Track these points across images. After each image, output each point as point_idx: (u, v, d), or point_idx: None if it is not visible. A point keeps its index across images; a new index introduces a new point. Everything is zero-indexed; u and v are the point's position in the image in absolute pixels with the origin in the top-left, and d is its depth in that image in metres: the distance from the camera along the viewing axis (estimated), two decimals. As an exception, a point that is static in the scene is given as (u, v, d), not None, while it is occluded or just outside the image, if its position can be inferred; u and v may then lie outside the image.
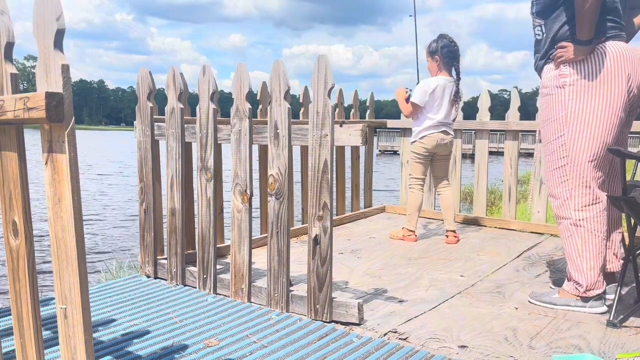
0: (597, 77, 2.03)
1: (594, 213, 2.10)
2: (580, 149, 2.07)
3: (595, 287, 2.11)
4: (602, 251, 2.12)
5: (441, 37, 3.32)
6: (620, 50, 2.02)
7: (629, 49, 2.04)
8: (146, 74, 2.56)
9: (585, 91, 2.05)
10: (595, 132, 2.05)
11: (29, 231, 1.22)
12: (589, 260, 2.11)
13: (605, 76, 2.02)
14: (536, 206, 3.69)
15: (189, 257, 2.68)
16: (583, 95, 2.05)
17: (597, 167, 2.09)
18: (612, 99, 2.03)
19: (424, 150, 3.34)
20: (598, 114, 2.04)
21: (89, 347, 1.11)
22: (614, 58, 2.01)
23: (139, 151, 2.64)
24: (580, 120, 2.06)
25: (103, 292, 2.46)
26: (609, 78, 2.02)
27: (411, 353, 1.76)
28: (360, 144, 1.98)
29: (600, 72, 2.02)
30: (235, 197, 2.29)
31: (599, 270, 2.11)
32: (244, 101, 2.23)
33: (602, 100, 2.03)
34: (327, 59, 1.99)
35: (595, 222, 2.10)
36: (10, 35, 1.20)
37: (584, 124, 2.06)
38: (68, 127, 1.04)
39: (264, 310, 2.20)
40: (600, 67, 2.02)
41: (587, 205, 2.10)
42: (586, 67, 2.04)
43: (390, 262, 2.90)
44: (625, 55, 2.02)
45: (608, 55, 2.01)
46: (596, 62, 2.03)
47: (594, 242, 2.10)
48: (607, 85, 2.02)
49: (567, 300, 2.16)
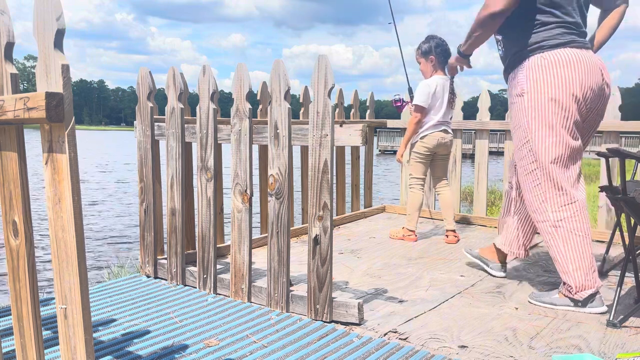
0: (548, 84, 2.13)
1: (571, 213, 2.15)
2: (545, 153, 2.16)
3: (586, 287, 2.13)
4: (588, 250, 2.14)
5: (431, 38, 3.33)
6: (570, 57, 2.11)
7: (580, 56, 2.13)
8: (146, 74, 2.56)
9: (540, 97, 2.15)
10: (555, 134, 2.14)
11: (29, 231, 1.22)
12: (573, 261, 2.14)
13: (556, 82, 2.12)
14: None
15: (189, 257, 2.68)
16: (538, 101, 2.15)
17: (564, 167, 2.16)
18: (564, 103, 2.12)
19: (425, 150, 3.34)
20: (553, 117, 2.13)
21: (89, 347, 1.11)
22: (564, 65, 2.11)
23: (139, 151, 2.64)
24: (540, 125, 2.16)
25: (103, 292, 2.46)
26: (559, 84, 2.12)
27: (411, 353, 1.76)
28: (360, 144, 1.98)
29: (552, 79, 2.12)
30: (235, 197, 2.29)
31: (587, 269, 2.13)
32: (244, 101, 2.23)
33: (555, 105, 2.12)
34: (327, 59, 1.99)
35: (574, 221, 2.14)
36: (10, 35, 1.20)
37: (544, 129, 2.15)
38: (68, 127, 1.04)
39: (264, 310, 2.20)
40: (552, 73, 2.12)
41: (562, 205, 2.15)
42: (540, 75, 2.14)
43: (390, 262, 2.90)
44: (573, 62, 2.11)
45: (559, 63, 2.11)
46: (548, 69, 2.13)
47: (575, 242, 2.14)
48: (558, 90, 2.12)
49: (565, 301, 2.18)
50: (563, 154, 2.15)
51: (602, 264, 2.77)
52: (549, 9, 2.15)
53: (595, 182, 10.82)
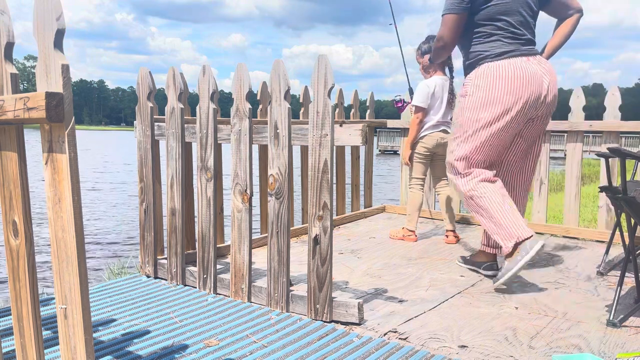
0: (486, 90, 2.38)
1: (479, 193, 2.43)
2: (471, 150, 2.45)
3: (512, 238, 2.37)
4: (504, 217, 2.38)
5: (431, 38, 3.32)
6: (509, 68, 2.35)
7: (519, 66, 2.35)
8: (146, 74, 2.56)
9: (475, 101, 2.41)
10: (480, 136, 2.42)
11: (29, 231, 1.22)
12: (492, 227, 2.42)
13: (493, 90, 2.37)
14: (536, 206, 3.70)
15: (189, 257, 2.68)
16: (474, 104, 2.42)
17: (487, 167, 2.48)
18: (495, 109, 2.37)
19: (424, 150, 3.34)
20: (482, 122, 2.40)
21: (89, 347, 1.11)
22: (503, 76, 2.35)
23: (139, 151, 2.64)
24: (470, 126, 2.43)
25: (103, 292, 2.46)
26: (495, 92, 2.36)
27: (411, 353, 1.76)
28: (360, 144, 1.98)
29: (491, 87, 2.37)
30: (235, 197, 2.29)
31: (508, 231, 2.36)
32: (244, 101, 2.23)
33: (486, 110, 2.39)
34: (327, 58, 1.99)
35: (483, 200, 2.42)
36: (10, 35, 1.20)
37: (472, 130, 2.43)
38: (68, 127, 1.04)
39: (264, 310, 2.20)
40: (491, 82, 2.37)
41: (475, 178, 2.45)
42: (481, 82, 2.39)
43: (390, 262, 2.90)
44: (511, 73, 2.34)
45: (499, 73, 2.36)
46: (489, 77, 2.38)
47: (485, 216, 2.42)
48: (493, 97, 2.37)
49: (507, 268, 2.34)
50: (479, 155, 2.44)
51: (602, 264, 2.77)
52: (490, 22, 2.39)
53: (595, 182, 10.82)
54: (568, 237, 3.52)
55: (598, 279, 2.60)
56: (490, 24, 2.39)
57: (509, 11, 2.37)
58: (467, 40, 2.48)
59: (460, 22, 2.43)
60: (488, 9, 2.37)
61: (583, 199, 7.07)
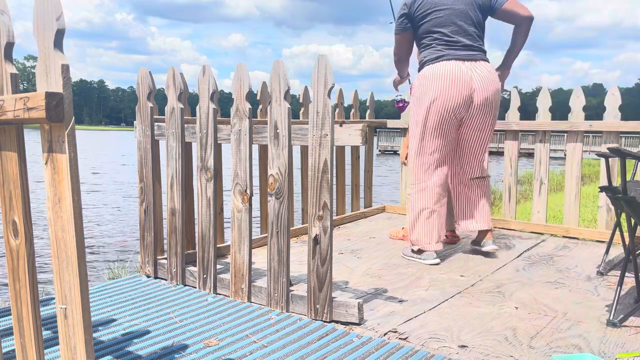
0: (421, 91, 2.79)
1: (415, 191, 2.87)
2: (411, 144, 2.88)
3: (418, 243, 2.87)
4: (425, 220, 2.84)
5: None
6: (438, 70, 2.72)
7: (448, 69, 2.71)
8: (146, 74, 2.56)
9: (415, 101, 2.84)
10: (417, 132, 2.83)
11: (29, 231, 1.22)
12: (412, 225, 2.90)
13: (425, 90, 2.76)
14: (536, 206, 3.70)
15: (189, 257, 2.68)
16: (414, 103, 2.84)
17: (419, 157, 2.84)
18: (427, 107, 2.75)
19: (424, 150, 3.34)
20: (418, 118, 2.80)
21: (89, 347, 1.11)
22: (432, 77, 2.73)
23: (139, 151, 2.64)
24: (412, 123, 2.86)
25: (103, 292, 2.46)
26: (426, 91, 2.76)
27: (411, 353, 1.76)
28: (360, 144, 1.98)
29: (424, 88, 2.77)
30: (235, 197, 2.29)
31: (423, 233, 2.85)
32: (244, 101, 2.23)
33: (420, 108, 2.79)
34: (327, 58, 1.99)
35: (417, 198, 2.86)
36: (10, 35, 1.20)
37: (412, 125, 2.87)
38: (68, 127, 1.04)
39: (264, 310, 2.20)
40: (424, 83, 2.77)
41: (412, 184, 2.89)
42: (419, 82, 2.81)
43: (390, 262, 2.90)
44: (439, 75, 2.72)
45: (430, 75, 2.75)
46: (423, 78, 2.78)
47: (415, 212, 2.87)
48: (425, 96, 2.76)
49: (413, 255, 2.92)
50: (419, 147, 2.83)
51: (602, 264, 2.77)
52: (428, 35, 2.80)
53: (595, 182, 10.82)
54: (568, 237, 3.52)
55: (598, 279, 2.60)
56: (429, 36, 2.80)
57: (443, 23, 2.77)
58: (418, 51, 2.94)
59: (405, 39, 2.93)
60: (425, 24, 2.80)
61: (583, 199, 7.07)
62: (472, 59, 2.75)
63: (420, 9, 2.79)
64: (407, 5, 2.82)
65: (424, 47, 2.84)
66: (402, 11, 2.85)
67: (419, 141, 2.82)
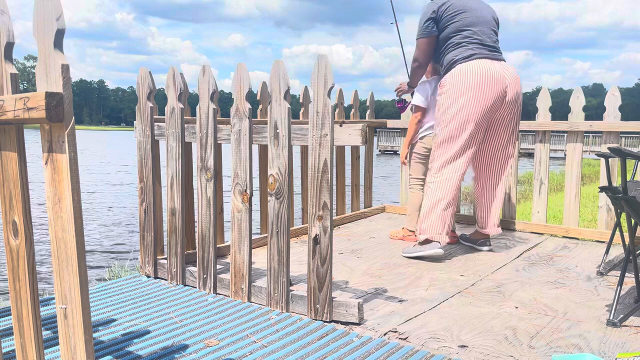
0: (456, 88, 2.82)
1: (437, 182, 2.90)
2: (440, 137, 2.89)
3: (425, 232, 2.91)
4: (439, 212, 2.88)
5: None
6: (474, 67, 2.80)
7: (483, 66, 2.80)
8: (146, 74, 2.56)
9: (451, 96, 2.84)
10: (448, 128, 2.85)
11: (29, 231, 1.22)
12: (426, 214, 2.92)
13: (460, 87, 2.80)
14: (536, 206, 3.70)
15: (189, 257, 2.68)
16: (447, 100, 2.85)
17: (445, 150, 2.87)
18: (463, 103, 2.79)
19: (424, 150, 3.34)
20: (456, 112, 2.82)
21: (89, 347, 1.11)
22: (470, 74, 2.79)
23: (139, 151, 2.64)
24: (447, 117, 2.85)
25: (103, 292, 2.46)
26: (462, 88, 2.80)
27: (411, 353, 1.76)
28: (360, 144, 1.98)
29: (460, 85, 2.80)
30: (235, 197, 2.29)
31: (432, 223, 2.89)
32: (244, 101, 2.23)
33: (456, 104, 2.81)
34: (327, 58, 1.99)
35: (437, 189, 2.89)
36: (10, 35, 1.21)
37: (444, 122, 2.86)
38: (68, 127, 1.04)
39: (264, 310, 2.20)
40: (460, 80, 2.81)
41: (433, 174, 2.92)
42: (453, 80, 2.83)
43: (390, 262, 2.90)
44: (476, 71, 2.79)
45: (467, 72, 2.80)
46: (458, 76, 2.82)
47: (432, 202, 2.90)
48: (461, 93, 2.80)
49: (414, 249, 2.95)
50: (448, 140, 2.86)
51: (602, 264, 2.77)
52: (458, 33, 2.89)
53: (595, 182, 10.82)
54: (568, 237, 3.52)
55: (598, 279, 2.60)
56: (458, 34, 2.89)
57: (473, 23, 2.89)
58: (441, 54, 2.97)
59: (431, 44, 2.99)
60: (454, 23, 2.89)
61: (583, 199, 7.07)
62: (500, 59, 2.90)
63: (449, 10, 2.91)
64: (435, 11, 2.93)
65: (453, 47, 2.90)
66: (430, 15, 2.93)
67: (450, 134, 2.83)
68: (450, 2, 2.93)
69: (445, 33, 2.92)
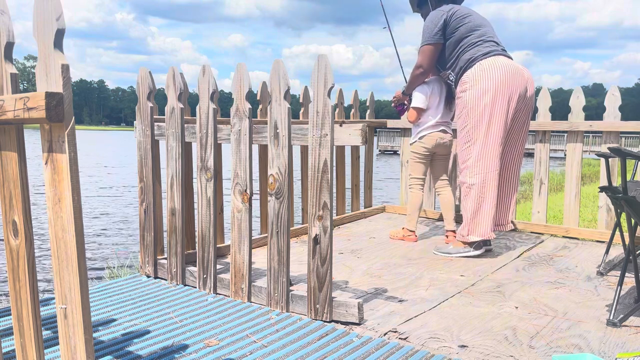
0: (482, 83, 2.81)
1: (480, 180, 2.86)
2: (475, 134, 2.85)
3: (475, 233, 2.90)
4: (486, 210, 2.87)
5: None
6: (497, 63, 2.83)
7: (505, 62, 2.83)
8: (146, 74, 2.56)
9: (478, 92, 2.82)
10: (485, 122, 2.82)
11: (29, 231, 1.22)
12: (473, 214, 2.89)
13: (487, 82, 2.80)
14: (536, 206, 3.70)
15: (189, 257, 2.68)
16: (475, 96, 2.83)
17: (483, 146, 2.83)
18: (492, 97, 2.79)
19: (424, 150, 3.34)
20: (486, 108, 2.80)
21: (89, 347, 1.11)
22: (494, 68, 2.81)
23: (139, 151, 2.64)
24: (474, 114, 2.83)
25: (103, 292, 2.46)
26: (490, 83, 2.79)
27: (411, 353, 1.76)
28: (360, 144, 1.98)
29: (485, 80, 2.81)
30: (235, 197, 2.29)
31: (481, 222, 2.88)
32: (244, 101, 2.23)
33: (486, 98, 2.80)
34: (327, 58, 1.99)
35: (481, 187, 2.86)
36: (10, 35, 1.21)
37: (476, 117, 2.83)
38: (68, 127, 1.04)
39: (264, 310, 2.20)
40: (485, 76, 2.81)
41: (475, 174, 2.87)
42: (478, 76, 2.83)
43: (390, 262, 2.90)
44: (499, 67, 2.81)
45: (490, 67, 2.82)
46: (482, 71, 2.82)
47: (477, 202, 2.88)
48: (489, 88, 2.79)
49: (457, 249, 2.98)
50: (479, 138, 2.84)
51: (602, 264, 2.77)
52: (470, 34, 2.93)
53: (595, 182, 10.82)
54: (568, 237, 3.52)
55: (598, 279, 2.60)
56: (472, 34, 2.93)
57: (481, 25, 2.97)
58: (454, 56, 2.99)
59: (437, 51, 3.01)
60: (466, 25, 2.94)
61: (583, 199, 7.07)
62: (510, 57, 2.96)
63: (457, 14, 2.97)
64: (446, 19, 2.96)
65: (469, 46, 2.92)
66: (441, 23, 2.96)
67: (486, 130, 2.81)
68: (455, 7, 3.00)
69: (458, 35, 2.94)
